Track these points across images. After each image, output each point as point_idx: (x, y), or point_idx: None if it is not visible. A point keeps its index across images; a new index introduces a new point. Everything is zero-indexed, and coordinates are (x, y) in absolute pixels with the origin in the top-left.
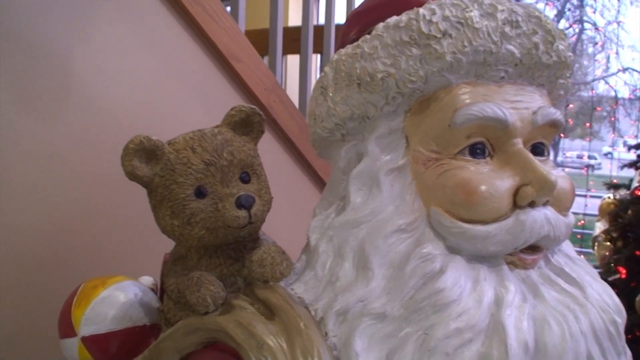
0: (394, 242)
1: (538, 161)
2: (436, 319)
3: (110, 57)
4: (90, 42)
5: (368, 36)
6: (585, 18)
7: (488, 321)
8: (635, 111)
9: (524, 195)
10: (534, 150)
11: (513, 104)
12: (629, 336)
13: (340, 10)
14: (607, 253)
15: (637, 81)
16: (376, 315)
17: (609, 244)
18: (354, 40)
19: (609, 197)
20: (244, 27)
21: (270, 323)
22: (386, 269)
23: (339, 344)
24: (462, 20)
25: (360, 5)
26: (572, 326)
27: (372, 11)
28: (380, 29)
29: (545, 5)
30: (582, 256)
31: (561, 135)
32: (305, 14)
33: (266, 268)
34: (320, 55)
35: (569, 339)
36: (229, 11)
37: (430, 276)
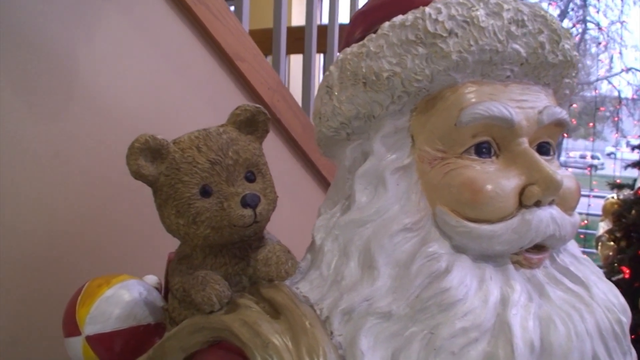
0: (399, 241)
1: (544, 160)
2: (442, 318)
3: (114, 57)
4: (94, 42)
5: (374, 35)
6: (588, 18)
7: (494, 320)
8: (639, 111)
9: (530, 195)
10: (539, 149)
11: (519, 103)
12: (633, 336)
13: (343, 10)
14: (611, 253)
15: None
16: (382, 315)
17: (612, 243)
18: (359, 40)
19: (612, 197)
20: (248, 27)
21: (275, 322)
22: (392, 268)
23: (345, 343)
24: (468, 19)
25: (365, 4)
26: (578, 326)
27: (378, 10)
28: (386, 27)
29: (548, 5)
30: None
31: (564, 135)
32: (308, 13)
33: (271, 267)
34: (323, 55)
35: (575, 338)
36: (233, 11)
37: (436, 275)
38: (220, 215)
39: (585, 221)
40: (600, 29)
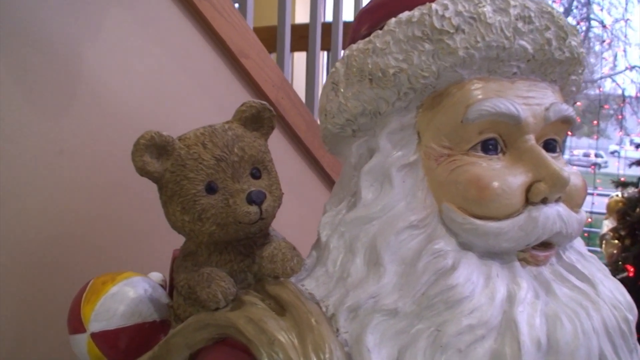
0: (405, 238)
1: (551, 157)
2: (448, 315)
3: (118, 53)
4: (98, 39)
5: (380, 31)
6: (592, 16)
7: (500, 318)
8: None
9: (537, 192)
10: (546, 146)
11: (525, 99)
12: (638, 335)
13: (348, 8)
14: (615, 251)
15: None
16: (388, 312)
17: (616, 242)
18: (365, 36)
19: (617, 195)
20: (252, 24)
21: (281, 319)
22: (398, 265)
23: (351, 340)
24: (475, 16)
25: (370, 1)
26: (585, 323)
27: (384, 6)
28: (392, 24)
29: (552, 2)
30: None
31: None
32: (313, 11)
33: (277, 264)
34: (327, 53)
35: (582, 336)
36: (237, 8)
37: (442, 272)
38: (226, 211)
39: (589, 219)
40: (604, 26)
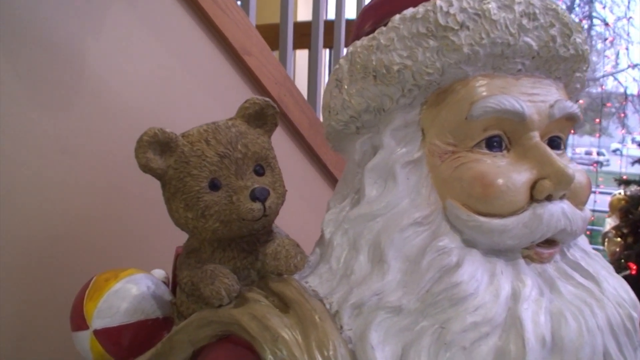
0: (409, 235)
1: (555, 155)
2: (453, 312)
3: (121, 51)
4: (100, 36)
5: (384, 28)
6: (594, 14)
7: (505, 315)
8: None
9: (541, 189)
10: (550, 143)
11: (530, 96)
12: None
13: (350, 6)
14: (618, 249)
15: None
16: (392, 309)
17: (619, 240)
18: (369, 33)
19: (619, 193)
20: (255, 21)
21: (284, 316)
22: (402, 262)
23: (354, 337)
24: (480, 12)
25: None
26: (589, 321)
27: (388, 3)
28: (396, 20)
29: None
30: None
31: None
32: (315, 8)
33: (280, 261)
34: (330, 51)
35: (586, 333)
36: (239, 5)
37: (446, 269)
38: (229, 208)
39: (591, 217)
40: (606, 25)
